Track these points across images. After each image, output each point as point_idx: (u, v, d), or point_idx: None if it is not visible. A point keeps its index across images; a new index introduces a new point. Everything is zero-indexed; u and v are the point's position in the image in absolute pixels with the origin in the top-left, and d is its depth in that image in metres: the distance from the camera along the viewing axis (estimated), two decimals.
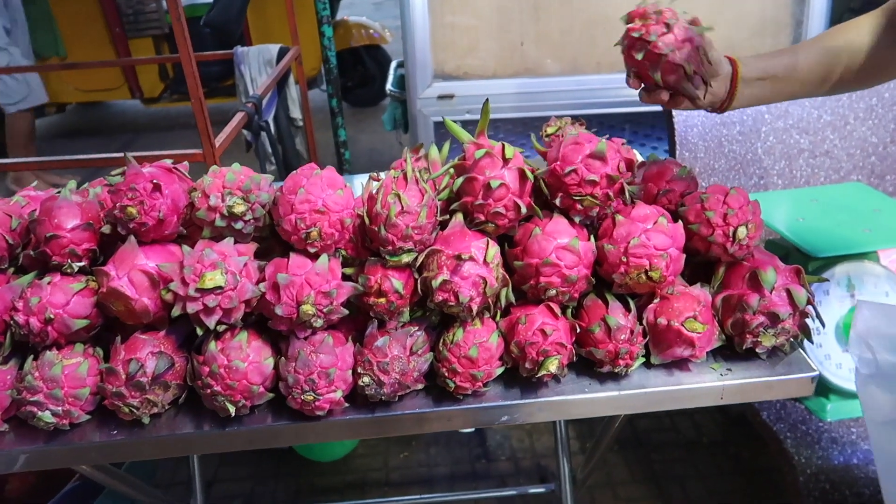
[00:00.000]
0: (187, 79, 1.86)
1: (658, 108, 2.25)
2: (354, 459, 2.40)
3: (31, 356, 1.01)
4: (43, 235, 1.01)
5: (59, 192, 1.06)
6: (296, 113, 3.36)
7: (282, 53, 3.22)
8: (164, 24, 5.37)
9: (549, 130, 1.53)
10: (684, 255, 1.01)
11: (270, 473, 2.36)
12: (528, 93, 2.55)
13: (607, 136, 1.50)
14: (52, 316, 0.97)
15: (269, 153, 2.92)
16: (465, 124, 1.16)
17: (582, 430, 2.44)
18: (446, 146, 1.25)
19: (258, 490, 2.31)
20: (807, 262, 1.57)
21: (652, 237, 0.99)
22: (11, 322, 0.99)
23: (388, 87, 2.68)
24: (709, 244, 1.02)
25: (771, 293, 1.00)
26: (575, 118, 1.55)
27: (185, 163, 1.18)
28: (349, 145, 3.68)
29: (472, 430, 2.44)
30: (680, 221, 1.04)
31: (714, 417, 2.51)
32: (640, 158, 1.59)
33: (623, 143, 1.50)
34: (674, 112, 1.99)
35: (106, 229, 1.03)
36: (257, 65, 3.20)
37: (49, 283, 1.00)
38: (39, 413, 0.97)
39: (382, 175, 1.06)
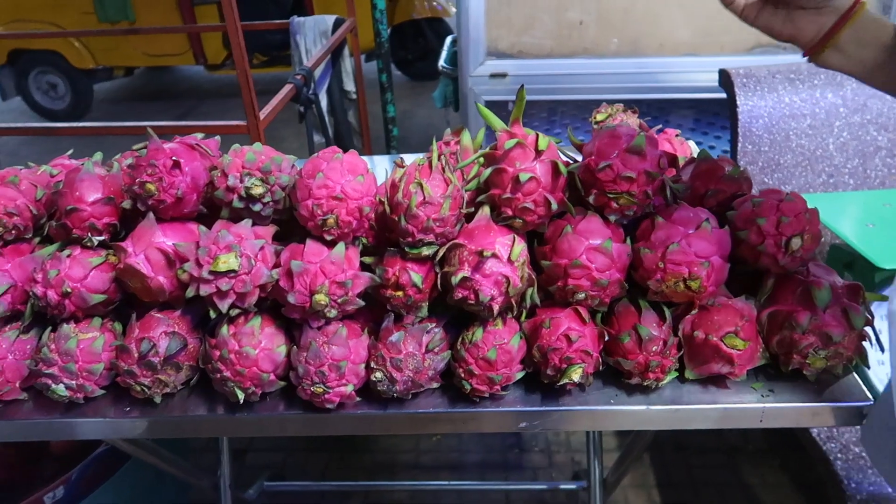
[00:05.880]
0: (233, 50, 1.84)
1: (723, 95, 2.11)
2: (386, 439, 2.39)
3: (49, 328, 1.01)
4: (64, 208, 1.00)
5: (83, 164, 1.05)
6: (349, 85, 3.33)
7: (337, 25, 3.18)
8: None
9: (599, 117, 1.44)
10: (729, 265, 0.93)
11: (303, 447, 2.38)
12: (586, 74, 2.44)
13: (660, 126, 1.41)
14: (69, 289, 0.97)
15: (318, 125, 2.90)
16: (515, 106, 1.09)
17: None
18: (481, 131, 1.19)
19: (289, 462, 2.33)
20: (872, 273, 1.45)
21: (693, 243, 0.91)
22: (31, 293, 0.99)
23: (441, 63, 2.61)
24: (758, 254, 0.93)
25: (824, 312, 0.90)
26: (627, 105, 1.46)
27: (217, 137, 1.16)
28: (405, 119, 3.63)
29: None
30: (727, 227, 0.95)
31: None
32: (694, 152, 1.49)
33: (676, 135, 1.41)
34: (738, 101, 1.86)
35: (126, 204, 1.02)
36: (313, 35, 3.17)
37: (68, 257, 0.99)
38: (53, 386, 0.97)
39: (408, 161, 1.00)
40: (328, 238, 0.95)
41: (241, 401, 0.95)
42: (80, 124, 2.38)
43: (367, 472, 2.28)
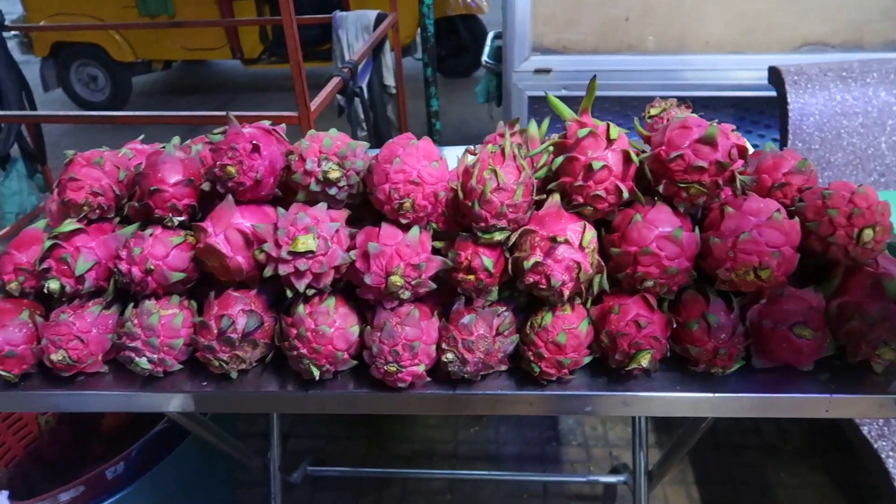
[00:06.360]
0: (287, 42, 1.87)
1: (768, 93, 2.10)
2: (424, 429, 2.42)
3: (132, 304, 1.05)
4: (147, 188, 1.04)
5: (163, 147, 1.09)
6: (389, 80, 3.36)
7: (379, 19, 3.21)
8: None
9: (653, 111, 1.45)
10: (798, 255, 0.94)
11: (343, 434, 2.42)
12: (630, 71, 2.44)
13: (716, 120, 1.42)
14: (152, 267, 1.01)
15: (362, 119, 2.93)
16: (561, 101, 1.11)
17: (658, 422, 2.36)
18: (546, 122, 1.21)
19: (330, 449, 2.37)
20: None
21: (764, 233, 0.92)
22: (115, 270, 1.03)
23: (484, 58, 2.63)
24: (827, 245, 0.94)
25: (895, 304, 0.91)
26: (681, 100, 1.47)
27: (283, 125, 1.19)
28: (439, 116, 3.67)
29: None
30: (796, 218, 0.96)
31: (801, 424, 2.38)
32: (749, 148, 1.50)
33: (733, 129, 1.42)
34: (789, 99, 1.86)
35: (205, 186, 1.05)
36: (355, 30, 3.21)
37: (151, 235, 1.03)
38: (137, 359, 1.01)
39: (478, 149, 1.03)
40: (403, 222, 0.98)
41: (317, 378, 0.98)
42: (139, 113, 2.44)
43: (406, 460, 2.31)
